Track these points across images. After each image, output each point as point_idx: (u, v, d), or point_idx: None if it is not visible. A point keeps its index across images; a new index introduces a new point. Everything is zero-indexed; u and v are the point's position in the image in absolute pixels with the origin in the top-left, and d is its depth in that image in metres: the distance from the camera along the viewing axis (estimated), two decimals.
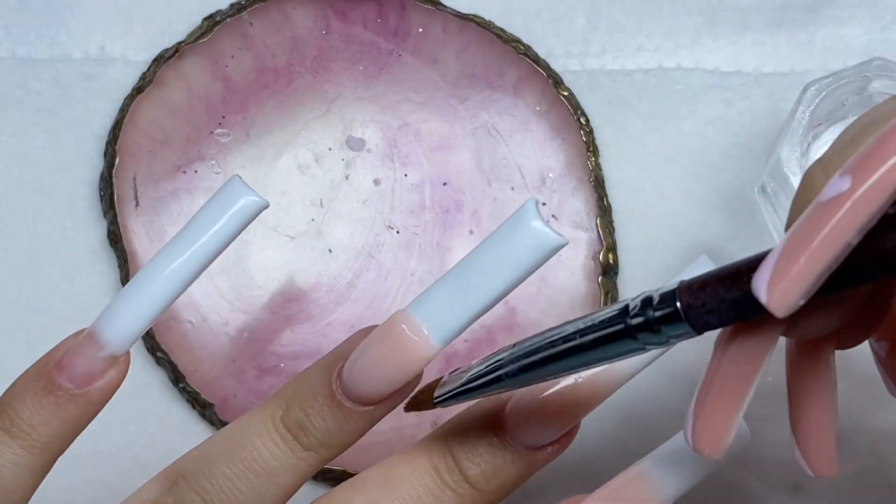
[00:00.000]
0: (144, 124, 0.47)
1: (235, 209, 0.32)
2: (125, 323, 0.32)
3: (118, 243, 0.46)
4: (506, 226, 0.31)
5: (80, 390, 0.33)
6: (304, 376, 0.33)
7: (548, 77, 0.47)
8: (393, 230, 0.47)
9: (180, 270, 0.32)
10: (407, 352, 0.31)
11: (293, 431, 0.32)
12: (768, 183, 0.45)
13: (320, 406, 0.32)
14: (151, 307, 0.33)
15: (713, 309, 0.27)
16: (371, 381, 0.32)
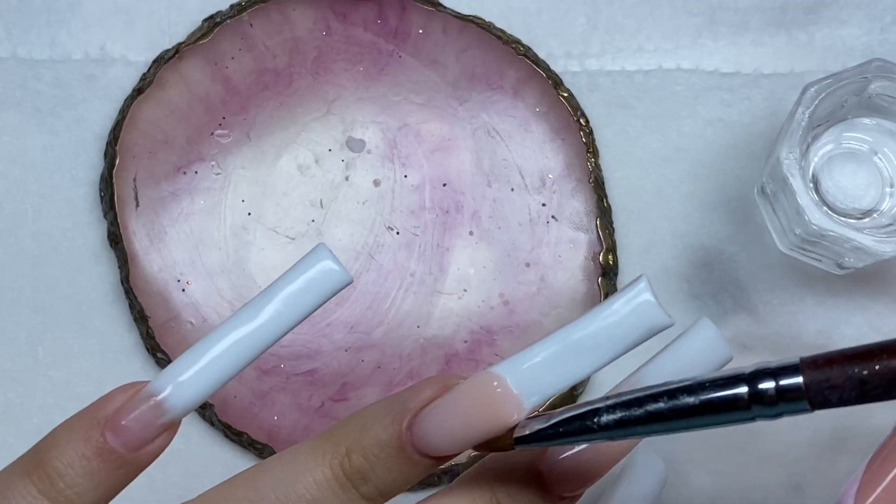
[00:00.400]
0: (145, 125, 0.47)
1: (319, 280, 0.31)
2: (192, 389, 0.29)
3: (118, 244, 0.46)
4: (618, 301, 0.30)
5: (132, 455, 0.30)
6: (367, 421, 0.31)
7: (548, 78, 0.47)
8: (393, 231, 0.47)
9: (254, 339, 0.30)
10: (497, 415, 0.30)
11: (353, 480, 0.30)
12: (768, 184, 0.45)
13: (387, 457, 0.30)
14: (221, 374, 0.30)
15: (837, 385, 0.26)
16: (450, 438, 0.30)
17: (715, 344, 0.32)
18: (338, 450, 0.30)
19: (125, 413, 0.30)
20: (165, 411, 0.30)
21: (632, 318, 0.30)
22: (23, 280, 0.47)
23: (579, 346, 0.30)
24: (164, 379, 0.30)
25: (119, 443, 0.29)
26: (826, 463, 0.46)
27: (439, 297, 0.46)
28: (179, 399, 0.30)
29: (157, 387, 0.30)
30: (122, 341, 0.47)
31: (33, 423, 0.46)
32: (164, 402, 0.29)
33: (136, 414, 0.30)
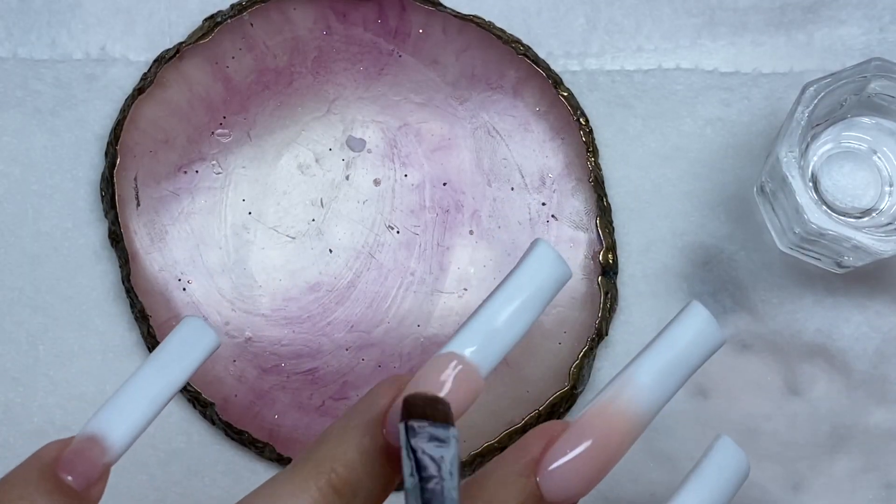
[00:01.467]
0: (145, 124, 0.47)
1: (204, 346, 0.33)
2: (126, 430, 0.32)
3: (119, 243, 0.46)
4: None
5: (83, 493, 0.31)
6: (342, 434, 0.31)
7: (547, 77, 0.47)
8: (393, 230, 0.47)
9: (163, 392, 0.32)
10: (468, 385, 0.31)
11: (345, 494, 0.30)
12: (767, 183, 0.45)
13: (371, 461, 0.31)
14: (144, 417, 0.32)
15: None
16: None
17: (708, 328, 0.33)
18: (321, 469, 0.31)
19: (74, 454, 0.31)
20: (107, 450, 0.31)
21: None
22: (23, 280, 0.47)
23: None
24: (101, 421, 0.32)
25: (73, 480, 0.31)
26: (825, 462, 0.46)
27: (439, 297, 0.46)
28: (119, 439, 0.32)
29: (97, 429, 0.31)
30: (122, 341, 0.47)
31: (34, 423, 0.46)
32: (103, 442, 0.31)
33: (83, 455, 0.31)
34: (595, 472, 0.31)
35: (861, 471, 0.46)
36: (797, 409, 0.46)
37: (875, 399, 0.46)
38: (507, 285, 0.32)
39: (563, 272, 0.33)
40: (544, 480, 0.31)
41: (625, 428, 0.31)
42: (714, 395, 0.46)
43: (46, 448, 0.32)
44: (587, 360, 0.46)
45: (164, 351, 0.33)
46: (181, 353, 0.33)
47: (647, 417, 0.32)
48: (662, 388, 0.32)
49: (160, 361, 0.33)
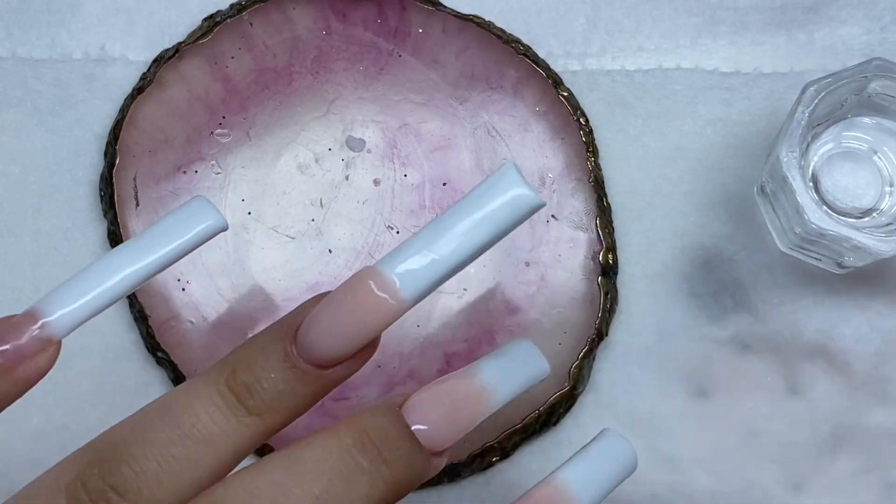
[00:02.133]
0: (145, 124, 0.47)
1: (199, 228, 0.32)
2: (68, 308, 0.31)
3: (118, 243, 0.46)
4: (486, 185, 0.31)
5: (9, 366, 0.31)
6: (254, 339, 0.31)
7: (547, 77, 0.47)
8: (393, 230, 0.47)
9: (134, 274, 0.31)
10: (374, 307, 0.30)
11: (239, 395, 0.30)
12: (767, 183, 0.45)
13: (271, 367, 0.30)
14: (98, 300, 0.31)
15: None
16: (331, 338, 0.30)
17: None
18: (224, 369, 0.31)
19: (4, 327, 0.31)
20: (43, 325, 0.31)
21: (503, 202, 0.31)
22: (23, 280, 0.47)
23: (453, 234, 0.31)
24: (45, 298, 0.31)
25: (1, 355, 0.31)
26: (826, 463, 0.46)
27: (439, 297, 0.46)
28: (58, 316, 0.31)
29: (38, 305, 0.31)
30: (121, 340, 0.47)
31: (33, 424, 0.46)
32: (39, 316, 0.31)
33: (14, 327, 0.31)
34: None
35: (862, 471, 0.46)
36: (798, 410, 0.46)
37: (876, 399, 0.46)
38: (460, 205, 0.31)
39: (530, 201, 0.31)
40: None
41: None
42: (714, 395, 0.46)
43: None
44: (587, 361, 0.46)
45: (149, 230, 0.32)
46: (168, 234, 0.32)
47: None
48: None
49: (140, 241, 0.32)
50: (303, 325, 0.31)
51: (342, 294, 0.31)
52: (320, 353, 0.31)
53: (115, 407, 0.46)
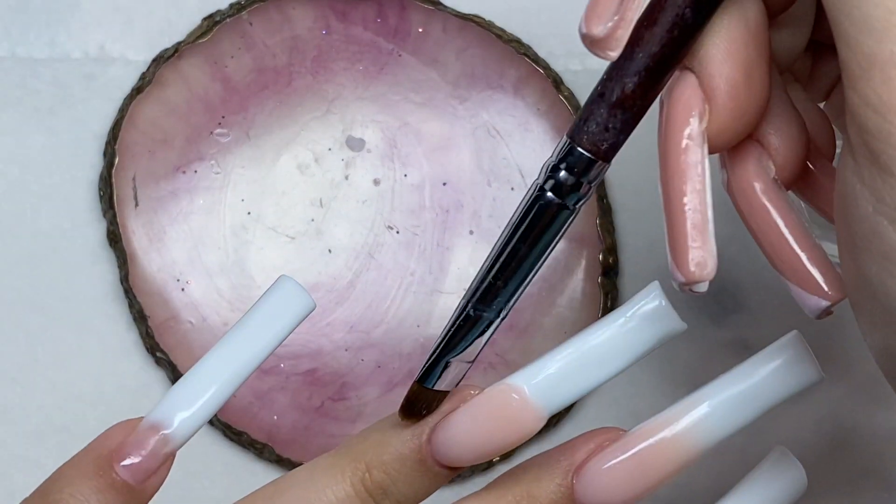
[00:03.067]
0: (144, 124, 0.47)
1: (293, 311, 0.32)
2: (186, 414, 0.31)
3: (118, 243, 0.46)
4: (633, 307, 0.31)
5: (138, 485, 0.31)
6: (385, 436, 0.31)
7: (548, 77, 0.47)
8: (393, 230, 0.47)
9: (242, 370, 0.31)
10: (518, 426, 0.30)
11: (374, 495, 0.31)
12: None
13: (408, 471, 0.31)
14: (213, 403, 0.31)
15: (603, 122, 0.28)
16: (469, 449, 0.31)
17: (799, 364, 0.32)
18: (357, 466, 0.31)
19: (132, 446, 0.31)
20: (170, 440, 0.31)
21: (646, 325, 0.30)
22: (22, 280, 0.47)
23: (595, 355, 0.31)
24: (164, 410, 0.31)
25: (128, 473, 0.30)
26: (826, 463, 0.46)
27: (439, 297, 0.46)
28: (181, 427, 0.31)
29: (160, 418, 0.31)
30: (121, 341, 0.47)
31: (32, 424, 0.46)
32: (167, 431, 0.31)
33: (143, 445, 0.31)
34: (632, 486, 0.31)
35: (862, 472, 0.46)
36: (799, 411, 0.46)
37: (877, 401, 0.46)
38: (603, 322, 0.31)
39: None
40: (580, 483, 0.31)
41: (671, 455, 0.31)
42: None
43: (107, 434, 0.31)
44: None
45: (247, 321, 0.32)
46: (265, 322, 0.31)
47: (697, 449, 0.31)
48: (724, 422, 0.31)
49: (240, 334, 0.32)
50: (441, 430, 0.31)
51: (482, 405, 0.31)
52: (454, 460, 0.31)
53: (114, 407, 0.46)
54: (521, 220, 0.29)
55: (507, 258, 0.29)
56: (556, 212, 0.29)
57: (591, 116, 0.28)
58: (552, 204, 0.29)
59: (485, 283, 0.30)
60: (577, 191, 0.29)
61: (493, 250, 0.30)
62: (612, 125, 0.28)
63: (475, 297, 0.30)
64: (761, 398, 0.31)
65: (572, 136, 0.28)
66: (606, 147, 0.28)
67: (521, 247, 0.29)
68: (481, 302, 0.30)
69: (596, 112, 0.28)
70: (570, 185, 0.29)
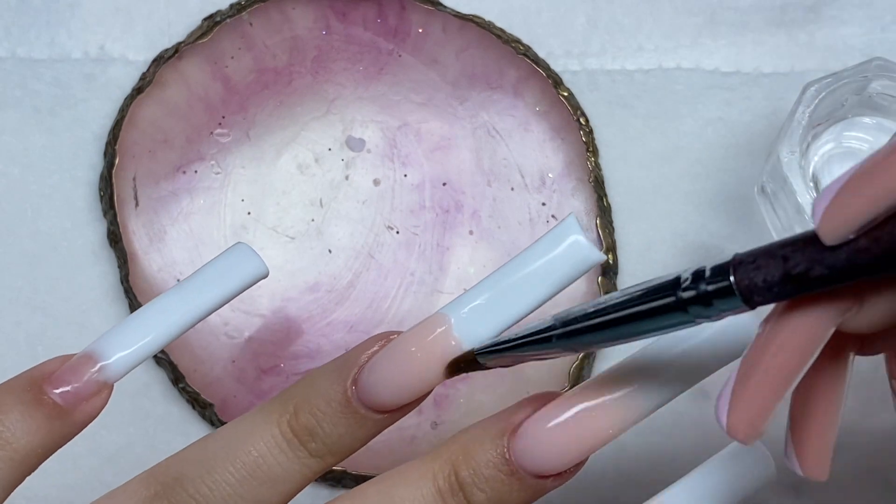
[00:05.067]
0: (144, 124, 0.47)
1: (244, 275, 0.33)
2: (125, 352, 0.32)
3: (118, 243, 0.46)
4: (547, 238, 0.31)
5: (68, 408, 0.31)
6: (314, 380, 0.31)
7: (548, 77, 0.47)
8: (393, 230, 0.47)
9: (182, 319, 0.33)
10: (438, 356, 0.30)
11: (301, 437, 0.31)
12: (768, 183, 0.45)
13: (333, 412, 0.31)
14: (151, 344, 0.32)
15: (761, 266, 0.26)
16: (393, 387, 0.30)
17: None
18: (286, 409, 0.31)
19: (64, 370, 0.32)
20: (101, 368, 0.32)
21: (563, 256, 0.30)
22: (22, 280, 0.47)
23: (515, 287, 0.31)
24: (102, 341, 0.32)
25: (57, 394, 0.31)
26: None
27: (439, 297, 0.46)
28: (116, 359, 0.32)
29: (96, 348, 0.32)
30: None
31: None
32: (98, 359, 0.32)
33: (74, 370, 0.32)
34: (567, 450, 0.30)
35: (863, 472, 0.46)
36: None
37: (877, 400, 0.46)
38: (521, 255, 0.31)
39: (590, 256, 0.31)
40: (515, 445, 0.30)
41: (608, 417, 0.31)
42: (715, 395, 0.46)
43: (44, 363, 0.32)
44: (587, 361, 0.46)
45: (198, 275, 0.33)
46: (215, 278, 0.33)
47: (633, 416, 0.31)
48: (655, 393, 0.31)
49: (189, 285, 0.33)
50: (365, 370, 0.31)
51: (404, 341, 0.31)
52: (383, 401, 0.31)
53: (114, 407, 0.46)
54: (647, 300, 0.29)
55: (611, 320, 0.29)
56: (673, 309, 0.28)
57: (764, 267, 0.26)
58: (679, 301, 0.28)
59: (580, 325, 0.29)
60: (704, 307, 0.28)
61: (605, 301, 0.29)
62: (777, 290, 0.26)
63: (567, 327, 0.30)
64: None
65: (735, 269, 0.27)
66: (757, 301, 0.27)
67: (629, 320, 0.29)
68: (566, 335, 0.30)
69: (771, 268, 0.26)
70: (701, 300, 0.27)
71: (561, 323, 0.30)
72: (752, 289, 0.26)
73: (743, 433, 0.27)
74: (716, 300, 0.27)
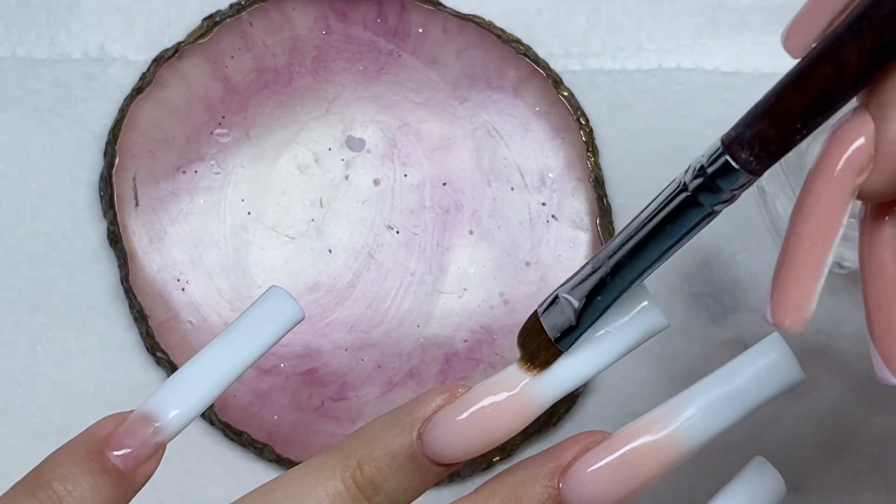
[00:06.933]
0: (144, 124, 0.47)
1: (284, 323, 0.33)
2: (179, 410, 0.31)
3: (118, 243, 0.46)
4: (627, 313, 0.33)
5: (129, 473, 0.31)
6: (376, 433, 0.31)
7: (548, 77, 0.47)
8: (393, 230, 0.47)
9: (231, 372, 0.32)
10: (508, 414, 0.30)
11: (366, 492, 0.31)
12: (767, 183, 0.45)
13: (399, 467, 0.31)
14: (203, 400, 0.32)
15: (743, 126, 0.28)
16: (462, 443, 0.31)
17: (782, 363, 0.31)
18: (349, 463, 0.31)
19: (123, 435, 0.31)
20: (160, 430, 0.31)
21: (637, 324, 0.31)
22: (22, 280, 0.47)
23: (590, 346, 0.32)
24: (157, 401, 0.31)
25: (119, 459, 0.31)
26: (827, 463, 0.46)
27: (439, 297, 0.46)
28: (173, 419, 0.31)
29: (152, 408, 0.31)
30: (121, 341, 0.47)
31: (33, 423, 0.46)
32: (157, 421, 0.31)
33: (133, 433, 0.31)
34: (617, 488, 0.31)
35: (863, 472, 0.46)
36: (799, 411, 0.46)
37: (877, 400, 0.46)
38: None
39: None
40: (566, 486, 0.30)
41: (656, 457, 0.31)
42: None
43: (99, 424, 0.32)
44: None
45: (238, 325, 0.33)
46: (256, 326, 0.32)
47: (682, 451, 0.31)
48: (708, 424, 0.31)
49: (231, 336, 0.33)
50: (432, 426, 0.31)
51: (472, 398, 0.31)
52: (448, 456, 0.31)
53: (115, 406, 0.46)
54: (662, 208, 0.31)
55: (643, 238, 0.31)
56: (687, 207, 0.30)
57: (749, 127, 0.28)
58: (689, 197, 0.30)
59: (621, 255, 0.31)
60: (712, 193, 0.29)
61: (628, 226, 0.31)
62: (769, 140, 0.28)
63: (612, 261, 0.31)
64: (745, 399, 0.31)
65: (726, 145, 0.28)
66: (754, 158, 0.28)
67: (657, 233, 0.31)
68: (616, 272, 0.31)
69: (753, 124, 0.28)
70: (708, 187, 0.29)
71: (605, 266, 0.31)
72: (742, 144, 0.28)
73: (789, 319, 0.27)
74: (719, 180, 0.29)
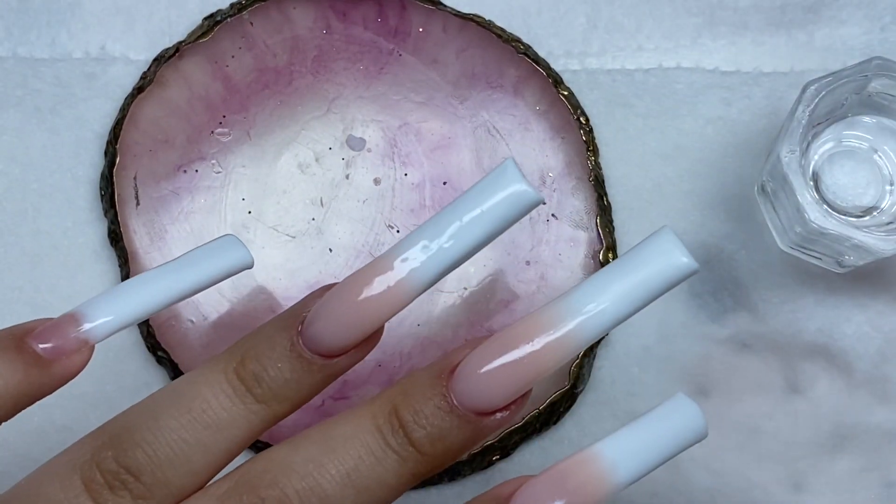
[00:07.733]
0: (145, 124, 0.47)
1: (228, 261, 0.35)
2: (108, 317, 0.33)
3: (119, 243, 0.46)
4: (486, 181, 0.32)
5: (49, 359, 0.32)
6: (261, 329, 0.32)
7: (548, 77, 0.47)
8: (393, 229, 0.47)
9: (164, 294, 0.34)
10: (377, 297, 0.31)
11: (246, 383, 0.31)
12: (768, 182, 0.45)
13: (278, 357, 0.32)
14: (133, 313, 0.33)
15: None
16: (336, 329, 0.31)
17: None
18: (233, 358, 0.32)
19: (47, 327, 0.33)
20: (82, 327, 0.33)
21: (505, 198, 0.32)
22: (23, 279, 0.47)
23: (461, 228, 0.32)
24: (89, 303, 0.33)
25: (40, 350, 0.32)
26: (826, 462, 0.46)
27: (439, 296, 0.46)
28: (98, 321, 0.33)
29: (80, 308, 0.33)
30: (121, 340, 0.47)
31: (33, 423, 0.46)
32: (81, 319, 0.33)
33: (56, 326, 0.33)
34: (507, 386, 0.31)
35: (862, 470, 0.46)
36: (798, 409, 0.46)
37: (877, 399, 0.46)
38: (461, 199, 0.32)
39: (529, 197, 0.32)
40: (455, 381, 0.31)
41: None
42: (714, 394, 0.46)
43: (28, 322, 0.33)
44: (587, 360, 0.46)
45: (186, 256, 0.34)
46: (201, 260, 0.34)
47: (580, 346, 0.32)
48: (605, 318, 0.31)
49: (177, 264, 0.34)
50: (308, 316, 0.32)
51: (347, 285, 0.32)
52: (325, 343, 0.32)
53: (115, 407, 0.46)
54: None
55: None
56: None
57: None
58: None
59: None
60: None
61: None
62: None
63: None
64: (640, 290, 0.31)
65: None
66: None
67: None
68: None
69: None
70: None
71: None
72: None
73: None
74: None
